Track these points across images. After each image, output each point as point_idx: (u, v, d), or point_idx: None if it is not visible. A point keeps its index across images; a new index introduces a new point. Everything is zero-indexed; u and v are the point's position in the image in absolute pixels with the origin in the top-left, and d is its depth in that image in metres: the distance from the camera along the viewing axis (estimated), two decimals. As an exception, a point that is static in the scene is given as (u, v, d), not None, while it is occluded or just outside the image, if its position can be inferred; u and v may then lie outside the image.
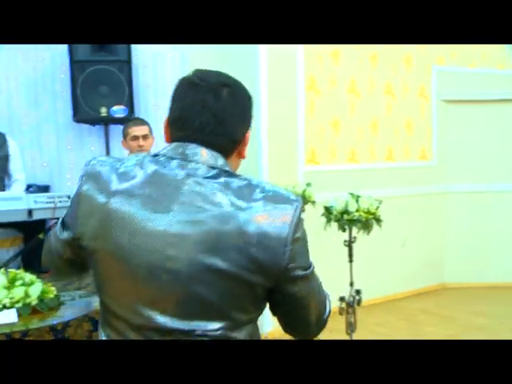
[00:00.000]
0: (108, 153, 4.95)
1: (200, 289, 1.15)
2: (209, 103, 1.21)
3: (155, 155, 1.25)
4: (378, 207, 3.64)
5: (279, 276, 1.18)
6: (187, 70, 1.29)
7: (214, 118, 1.21)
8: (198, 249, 1.13)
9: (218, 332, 1.18)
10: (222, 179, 1.18)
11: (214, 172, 1.19)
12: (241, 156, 1.32)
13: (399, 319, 4.91)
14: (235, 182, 1.18)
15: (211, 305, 1.17)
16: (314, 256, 1.30)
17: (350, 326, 3.55)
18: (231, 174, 1.21)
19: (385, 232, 3.80)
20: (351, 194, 3.64)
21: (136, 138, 3.31)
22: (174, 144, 1.24)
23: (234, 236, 1.13)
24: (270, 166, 4.66)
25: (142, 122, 3.44)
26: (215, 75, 1.26)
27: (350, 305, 3.54)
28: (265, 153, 4.66)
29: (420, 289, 5.82)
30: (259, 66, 4.66)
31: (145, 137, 3.33)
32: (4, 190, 4.13)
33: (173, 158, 1.21)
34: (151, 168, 1.20)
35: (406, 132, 5.77)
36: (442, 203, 6.04)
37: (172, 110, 1.27)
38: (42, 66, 5.20)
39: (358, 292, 3.57)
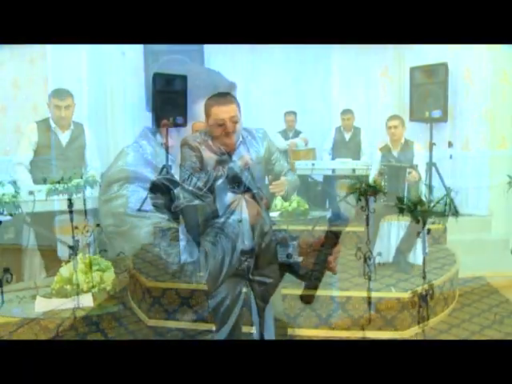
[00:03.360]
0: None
1: None
2: None
3: None
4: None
5: None
6: (258, 59, 1.29)
7: None
8: None
9: None
10: None
11: None
12: None
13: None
14: None
15: None
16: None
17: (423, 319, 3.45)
18: None
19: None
20: (426, 184, 3.53)
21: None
22: None
23: None
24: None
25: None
26: None
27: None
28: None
29: None
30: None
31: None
32: (81, 178, 4.24)
33: None
34: None
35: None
36: None
37: None
38: (118, 57, 5.31)
39: (431, 286, 3.45)
